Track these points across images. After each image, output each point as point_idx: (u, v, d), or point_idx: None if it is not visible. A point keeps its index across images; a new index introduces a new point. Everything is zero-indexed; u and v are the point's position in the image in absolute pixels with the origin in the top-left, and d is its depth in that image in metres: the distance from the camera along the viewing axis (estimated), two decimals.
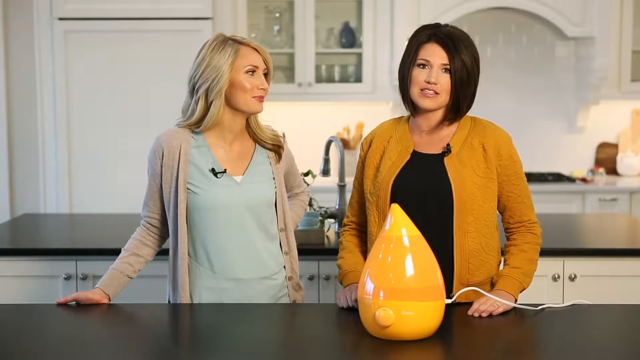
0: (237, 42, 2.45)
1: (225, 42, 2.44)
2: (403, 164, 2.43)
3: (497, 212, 2.47)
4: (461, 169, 2.38)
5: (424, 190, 2.39)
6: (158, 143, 2.49)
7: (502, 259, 2.50)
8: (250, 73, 2.44)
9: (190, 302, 2.48)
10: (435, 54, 2.37)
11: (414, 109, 2.44)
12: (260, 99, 2.46)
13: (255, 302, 2.49)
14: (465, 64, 2.36)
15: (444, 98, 2.38)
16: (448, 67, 2.36)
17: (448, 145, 2.41)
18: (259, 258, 2.49)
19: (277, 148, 2.56)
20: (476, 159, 2.39)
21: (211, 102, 2.43)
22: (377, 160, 2.48)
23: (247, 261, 2.48)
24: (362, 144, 2.55)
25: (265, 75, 2.48)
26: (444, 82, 2.36)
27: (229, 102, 2.45)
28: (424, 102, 2.39)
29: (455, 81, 2.36)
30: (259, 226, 2.50)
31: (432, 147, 2.44)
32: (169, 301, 2.54)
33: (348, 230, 2.59)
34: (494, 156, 2.39)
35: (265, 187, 2.51)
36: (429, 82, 2.36)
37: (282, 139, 2.58)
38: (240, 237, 2.47)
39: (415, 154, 2.44)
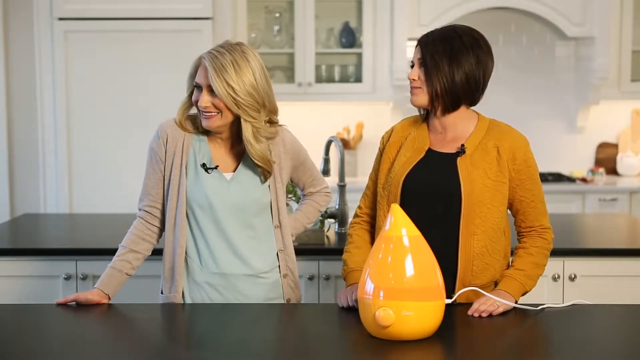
0: (202, 57, 2.43)
1: (201, 57, 2.45)
2: (417, 161, 2.43)
3: (510, 215, 2.47)
4: (472, 170, 2.37)
5: (433, 189, 2.39)
6: (162, 129, 2.52)
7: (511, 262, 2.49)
8: (198, 89, 2.44)
9: (182, 294, 2.50)
10: (414, 53, 2.43)
11: (423, 110, 2.49)
12: (206, 115, 2.42)
13: (243, 299, 2.50)
14: (434, 54, 2.36)
15: (427, 91, 2.40)
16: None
17: (463, 145, 2.41)
18: (241, 256, 2.49)
19: (263, 171, 2.48)
20: (489, 161, 2.39)
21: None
22: (393, 155, 2.48)
23: (228, 258, 2.49)
24: (382, 137, 2.56)
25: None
26: (421, 75, 2.39)
27: None
28: (411, 99, 2.46)
29: (425, 71, 2.38)
30: (244, 224, 2.50)
31: (447, 146, 2.43)
32: (162, 291, 2.55)
33: (360, 223, 2.57)
34: (507, 160, 2.39)
35: (255, 186, 2.51)
36: (409, 80, 2.43)
37: (273, 164, 2.50)
38: (220, 234, 2.48)
39: (430, 153, 2.44)
